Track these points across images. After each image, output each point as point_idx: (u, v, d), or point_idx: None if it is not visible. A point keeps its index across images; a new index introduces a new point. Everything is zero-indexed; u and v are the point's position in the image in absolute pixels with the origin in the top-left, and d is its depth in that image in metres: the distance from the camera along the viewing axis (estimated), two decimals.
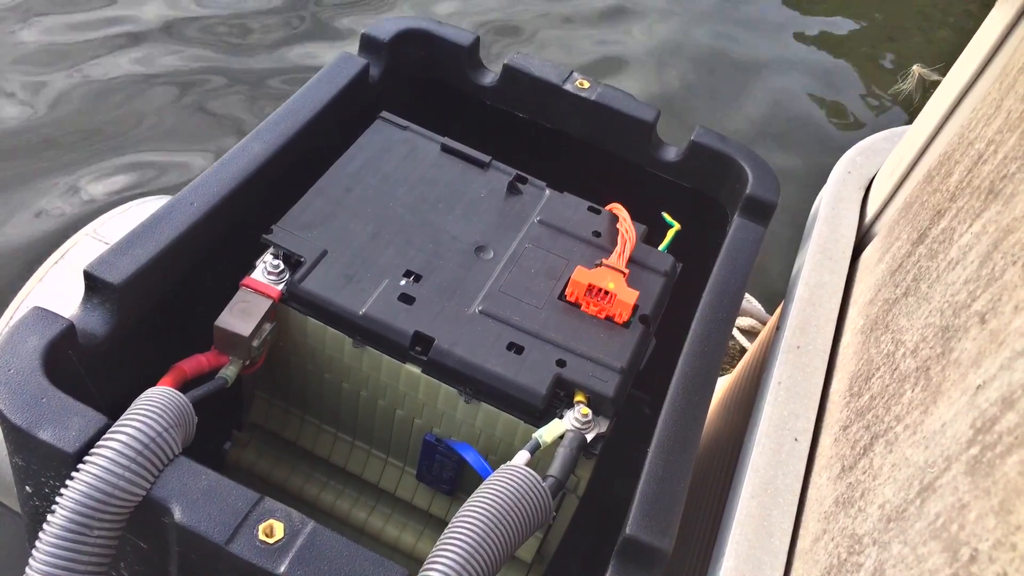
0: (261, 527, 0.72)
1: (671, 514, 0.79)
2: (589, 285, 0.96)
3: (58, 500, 0.71)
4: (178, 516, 0.72)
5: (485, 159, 1.11)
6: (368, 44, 1.20)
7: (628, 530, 0.77)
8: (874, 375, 0.85)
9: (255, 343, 0.90)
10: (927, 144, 1.08)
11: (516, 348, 0.91)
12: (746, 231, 1.09)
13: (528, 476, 0.77)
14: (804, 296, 1.04)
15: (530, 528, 0.77)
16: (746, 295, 2.02)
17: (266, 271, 0.93)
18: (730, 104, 3.33)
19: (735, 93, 3.38)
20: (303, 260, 0.94)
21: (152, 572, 0.82)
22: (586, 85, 1.22)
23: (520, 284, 0.98)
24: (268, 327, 0.91)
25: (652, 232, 1.10)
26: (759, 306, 2.32)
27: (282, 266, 0.93)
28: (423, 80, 1.27)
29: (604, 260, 1.00)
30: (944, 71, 1.11)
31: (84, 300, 0.87)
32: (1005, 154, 0.79)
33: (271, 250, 0.95)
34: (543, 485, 0.78)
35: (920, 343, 0.77)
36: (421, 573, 0.71)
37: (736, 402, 1.30)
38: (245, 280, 0.92)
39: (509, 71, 1.23)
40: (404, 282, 0.95)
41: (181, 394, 0.79)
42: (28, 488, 0.80)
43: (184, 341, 0.90)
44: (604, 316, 0.96)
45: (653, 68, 3.41)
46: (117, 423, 0.74)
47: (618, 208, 1.09)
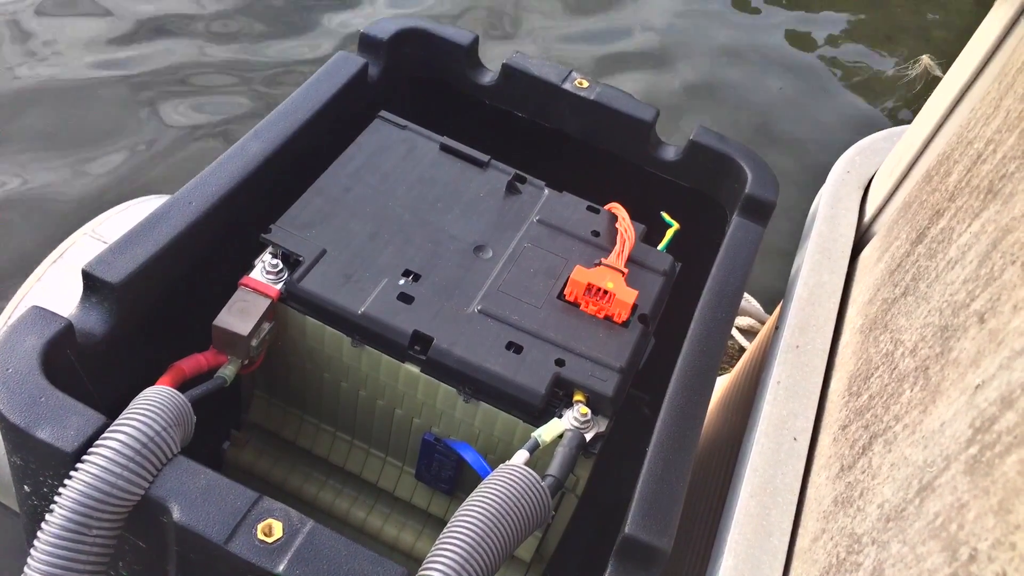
0: (260, 526, 0.72)
1: (670, 513, 0.79)
2: (588, 284, 0.96)
3: (57, 499, 0.71)
4: (177, 515, 0.72)
5: (484, 158, 1.11)
6: (367, 43, 1.20)
7: (627, 529, 0.77)
8: (873, 374, 0.85)
9: (254, 342, 0.89)
10: (926, 144, 1.08)
11: (515, 347, 0.91)
12: (745, 230, 1.09)
13: (527, 475, 0.77)
14: (803, 296, 1.04)
15: (529, 527, 0.77)
16: (745, 294, 2.02)
17: (265, 270, 0.93)
18: (730, 103, 3.33)
19: (735, 92, 3.38)
20: (302, 259, 0.94)
21: (151, 571, 0.82)
22: (585, 84, 1.22)
23: (519, 283, 0.98)
24: (267, 326, 0.91)
25: (651, 231, 1.10)
26: (758, 305, 2.33)
27: (281, 265, 0.93)
28: (422, 79, 1.27)
29: (603, 259, 1.00)
30: (946, 68, 1.11)
31: (82, 299, 0.86)
32: (1004, 154, 0.79)
33: (270, 249, 0.95)
34: (542, 484, 0.78)
35: (919, 342, 0.77)
36: (420, 572, 0.71)
37: (735, 401, 1.30)
38: (244, 279, 0.92)
39: (508, 70, 1.23)
40: (403, 281, 0.95)
41: (180, 393, 0.79)
42: (27, 487, 0.80)
43: (183, 340, 0.90)
44: (603, 315, 0.96)
45: (653, 66, 3.41)
46: (116, 422, 0.74)
47: (617, 207, 1.09)
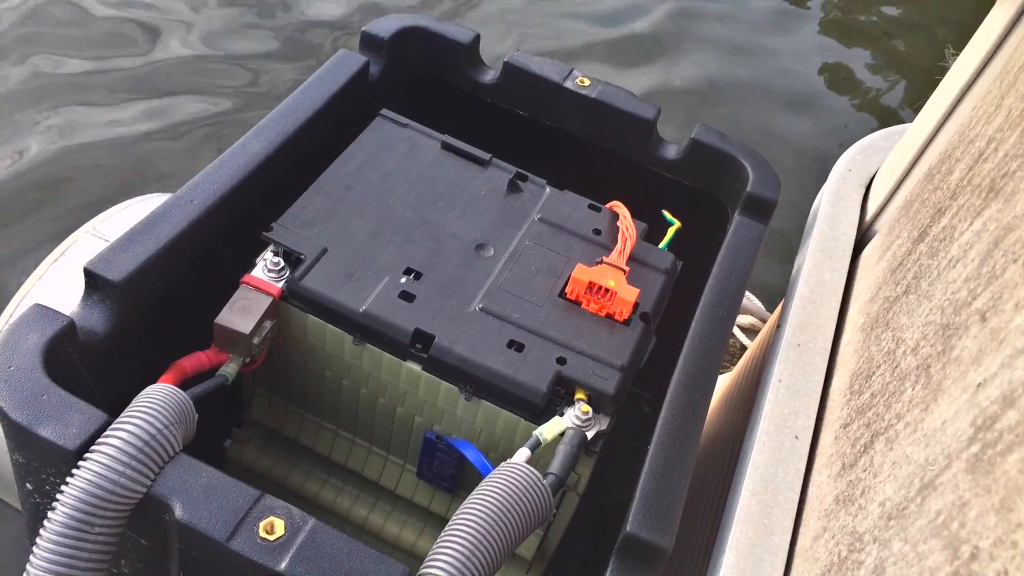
0: (262, 524, 0.72)
1: (671, 512, 0.79)
2: (590, 283, 0.96)
3: (59, 497, 0.71)
4: (179, 513, 0.72)
5: (485, 157, 1.11)
6: (368, 42, 1.20)
7: (628, 528, 0.77)
8: (875, 373, 0.85)
9: (255, 341, 0.90)
10: (928, 142, 1.08)
11: (517, 346, 0.91)
12: (747, 229, 1.09)
13: (528, 473, 0.77)
14: (805, 294, 1.04)
15: (530, 526, 0.77)
16: (746, 293, 2.02)
17: (266, 268, 0.93)
18: (730, 101, 3.33)
19: (735, 90, 3.38)
20: (303, 258, 0.94)
21: (153, 569, 0.82)
22: (586, 83, 1.22)
23: (520, 282, 0.98)
24: (268, 325, 0.91)
25: (652, 230, 1.10)
26: (759, 304, 2.33)
27: (282, 264, 0.93)
28: (423, 78, 1.27)
29: (604, 258, 1.00)
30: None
31: (84, 297, 0.87)
32: (1006, 152, 0.79)
33: (271, 247, 0.95)
34: (543, 483, 0.78)
35: (921, 341, 0.77)
36: (422, 570, 0.71)
37: (736, 400, 1.30)
38: (245, 278, 0.92)
39: (509, 69, 1.23)
40: (404, 280, 0.95)
41: (181, 391, 0.79)
42: (29, 485, 0.80)
43: (184, 338, 0.90)
44: (604, 314, 0.96)
45: (654, 64, 3.41)
46: (118, 420, 0.74)
47: (618, 206, 1.09)
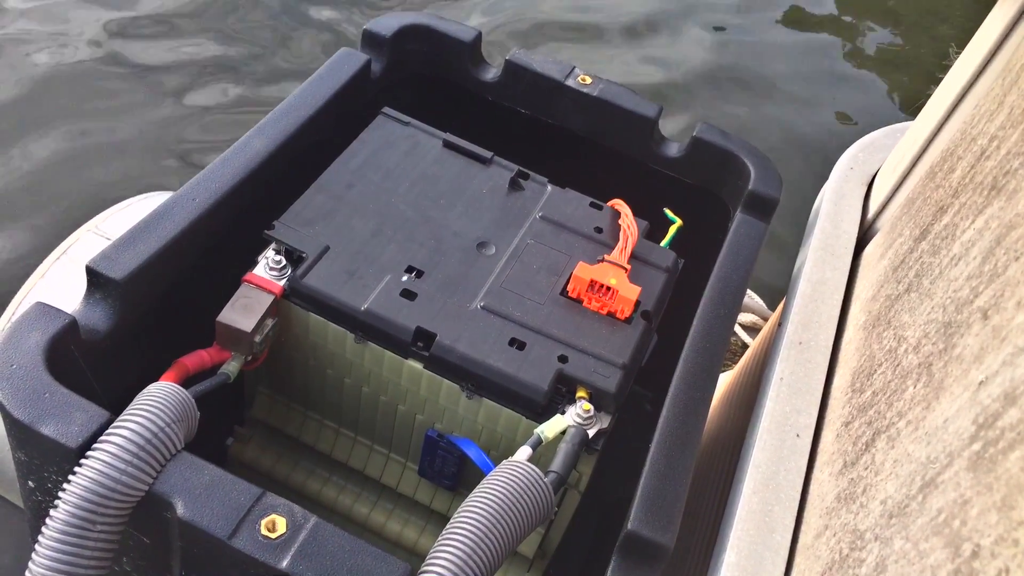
0: (263, 522, 0.72)
1: (673, 510, 0.79)
2: (591, 281, 0.96)
3: (61, 495, 0.71)
4: (181, 511, 0.72)
5: (487, 155, 1.11)
6: (370, 40, 1.20)
7: (630, 526, 0.77)
8: (876, 371, 0.85)
9: (257, 339, 0.90)
10: (929, 140, 1.08)
11: (518, 344, 0.91)
12: (748, 227, 1.09)
13: (530, 472, 0.77)
14: (806, 292, 1.04)
15: (532, 524, 0.77)
16: (748, 291, 2.02)
17: (268, 267, 0.93)
18: (731, 100, 3.32)
19: (736, 89, 3.38)
20: (305, 256, 0.94)
21: (155, 567, 0.82)
22: (588, 81, 1.22)
23: (522, 280, 0.98)
24: (270, 323, 0.91)
25: (654, 228, 1.10)
26: (761, 302, 2.33)
27: (284, 262, 0.93)
28: (425, 76, 1.27)
29: (606, 256, 1.00)
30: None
31: (86, 296, 0.87)
32: (1008, 150, 0.79)
33: (273, 246, 0.95)
34: (545, 481, 0.78)
35: (922, 339, 0.77)
36: (423, 568, 0.71)
37: (738, 398, 1.30)
38: (247, 276, 0.92)
39: (511, 67, 1.23)
40: (406, 278, 0.95)
41: (183, 390, 0.79)
42: (31, 483, 0.80)
43: (186, 337, 0.91)
44: (606, 312, 0.96)
45: (655, 62, 3.41)
46: (120, 418, 0.75)
47: (620, 204, 1.09)
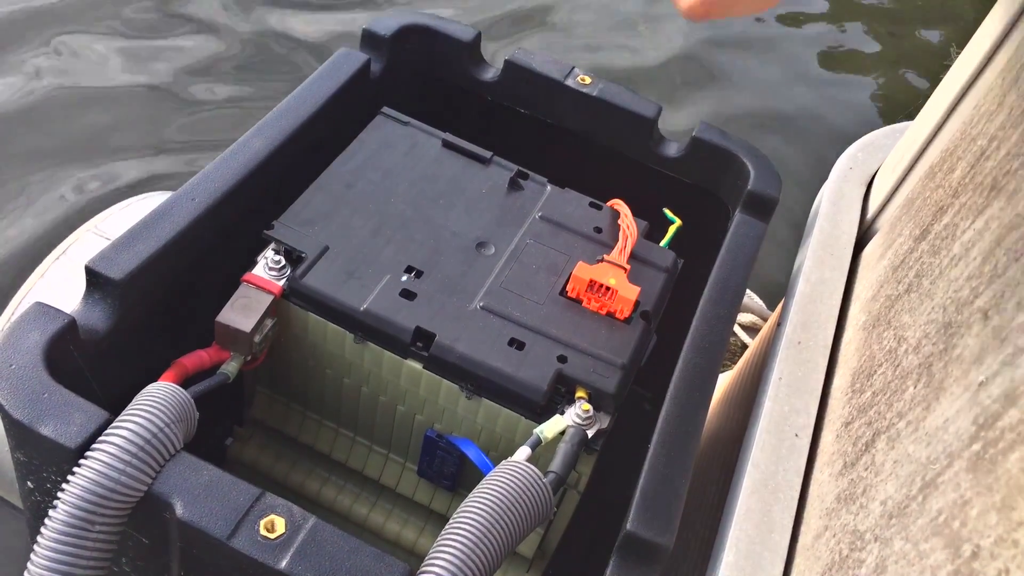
0: (262, 522, 0.72)
1: (672, 510, 0.79)
2: (590, 281, 0.96)
3: (60, 495, 0.71)
4: (179, 511, 0.72)
5: (486, 155, 1.11)
6: (369, 39, 1.20)
7: (629, 526, 0.77)
8: (876, 371, 0.85)
9: (256, 339, 0.90)
10: (929, 140, 1.08)
11: (517, 344, 0.91)
12: (748, 227, 1.09)
13: (529, 472, 0.77)
14: (805, 292, 1.04)
15: (531, 524, 0.77)
16: (747, 291, 2.02)
17: (267, 267, 0.93)
18: (732, 99, 3.33)
19: (734, 89, 3.38)
20: (304, 256, 0.94)
21: (154, 567, 0.82)
22: (588, 81, 1.22)
23: (521, 280, 0.98)
24: (269, 323, 0.91)
25: (654, 228, 1.10)
26: (760, 302, 2.32)
27: (283, 262, 0.93)
28: (424, 76, 1.27)
29: (605, 256, 1.00)
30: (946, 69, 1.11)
31: (85, 296, 0.87)
32: (1008, 150, 0.79)
33: (272, 246, 0.95)
34: (544, 481, 0.78)
35: (922, 339, 0.77)
36: (422, 569, 0.71)
37: (737, 398, 1.30)
38: (246, 276, 0.92)
39: (510, 67, 1.23)
40: (405, 278, 0.95)
41: (183, 390, 0.79)
42: (30, 483, 0.80)
43: (185, 337, 0.91)
44: (605, 312, 0.96)
45: (655, 60, 3.40)
46: (119, 419, 0.74)
47: (619, 204, 1.09)
